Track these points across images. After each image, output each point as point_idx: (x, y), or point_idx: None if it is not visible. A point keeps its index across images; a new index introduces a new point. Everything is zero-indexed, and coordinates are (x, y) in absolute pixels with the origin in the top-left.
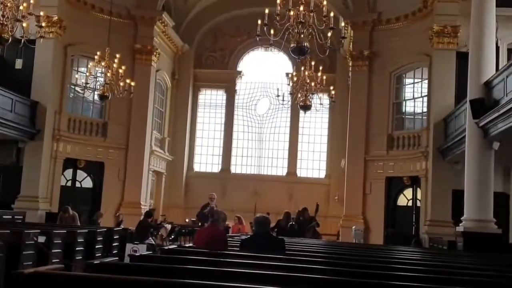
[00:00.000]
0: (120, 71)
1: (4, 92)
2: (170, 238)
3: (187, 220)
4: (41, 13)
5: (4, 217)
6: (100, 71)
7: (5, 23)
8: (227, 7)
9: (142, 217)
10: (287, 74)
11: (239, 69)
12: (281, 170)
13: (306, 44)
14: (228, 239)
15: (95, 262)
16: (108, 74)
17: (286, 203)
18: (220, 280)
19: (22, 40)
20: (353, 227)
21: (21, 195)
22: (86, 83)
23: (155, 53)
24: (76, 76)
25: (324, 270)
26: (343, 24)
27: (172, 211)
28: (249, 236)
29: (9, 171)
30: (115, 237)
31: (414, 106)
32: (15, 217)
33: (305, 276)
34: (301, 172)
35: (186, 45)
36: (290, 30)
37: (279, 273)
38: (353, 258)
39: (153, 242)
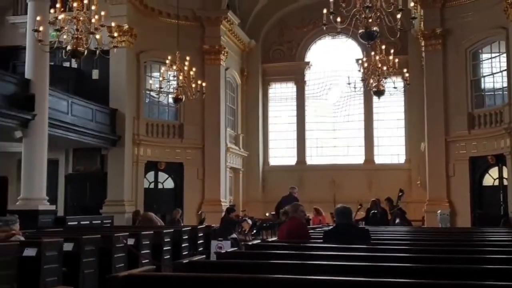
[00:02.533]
0: (191, 73)
1: (84, 102)
2: (253, 233)
3: (267, 214)
4: (113, 24)
5: (93, 222)
6: (172, 75)
7: (80, 36)
8: None
9: (223, 213)
10: (357, 60)
11: (307, 60)
12: (358, 158)
13: (375, 28)
14: (310, 231)
15: (184, 261)
16: (180, 77)
17: (366, 191)
18: (306, 274)
19: (97, 51)
20: (439, 211)
21: (108, 200)
22: (160, 87)
23: (223, 52)
24: (150, 81)
25: (410, 258)
26: (412, 4)
27: (251, 206)
28: (331, 227)
29: (95, 178)
30: (199, 235)
31: (493, 82)
32: (104, 221)
33: (391, 265)
34: (379, 159)
35: (252, 41)
36: (357, 16)
37: (365, 263)
38: (439, 243)
39: (237, 237)
